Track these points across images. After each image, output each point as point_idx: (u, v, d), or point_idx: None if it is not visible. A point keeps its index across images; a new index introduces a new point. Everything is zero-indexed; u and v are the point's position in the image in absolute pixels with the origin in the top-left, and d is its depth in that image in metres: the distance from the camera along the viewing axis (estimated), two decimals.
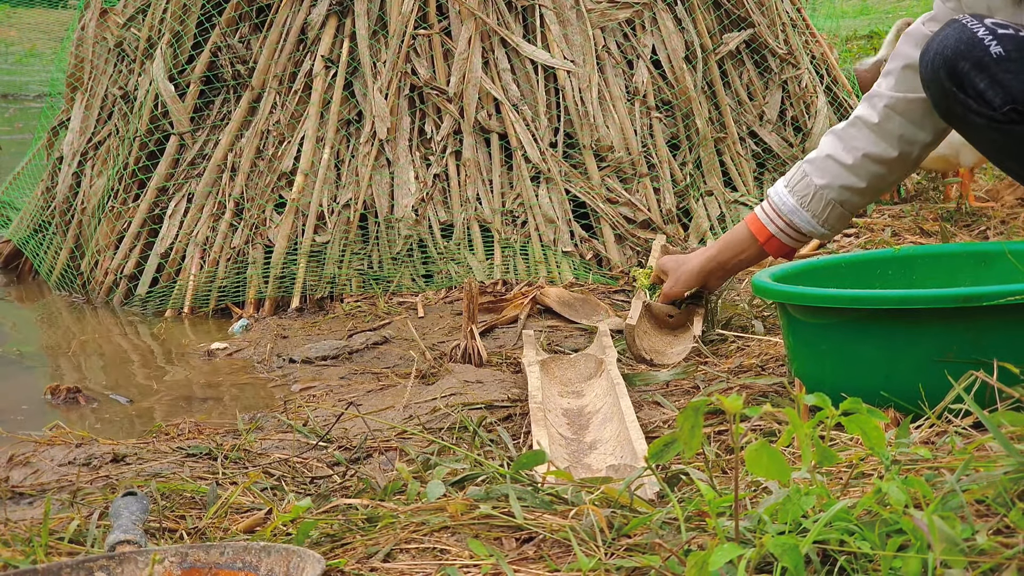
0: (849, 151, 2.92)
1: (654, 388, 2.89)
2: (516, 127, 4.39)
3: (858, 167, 2.92)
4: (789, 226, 2.99)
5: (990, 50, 2.65)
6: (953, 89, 2.70)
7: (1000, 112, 2.63)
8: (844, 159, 2.93)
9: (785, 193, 3.00)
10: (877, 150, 2.90)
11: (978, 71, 2.66)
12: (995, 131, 2.71)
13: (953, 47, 2.70)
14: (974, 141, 2.84)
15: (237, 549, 1.88)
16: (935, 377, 2.22)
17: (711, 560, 1.55)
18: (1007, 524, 1.63)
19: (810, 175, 2.96)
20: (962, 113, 2.73)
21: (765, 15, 4.93)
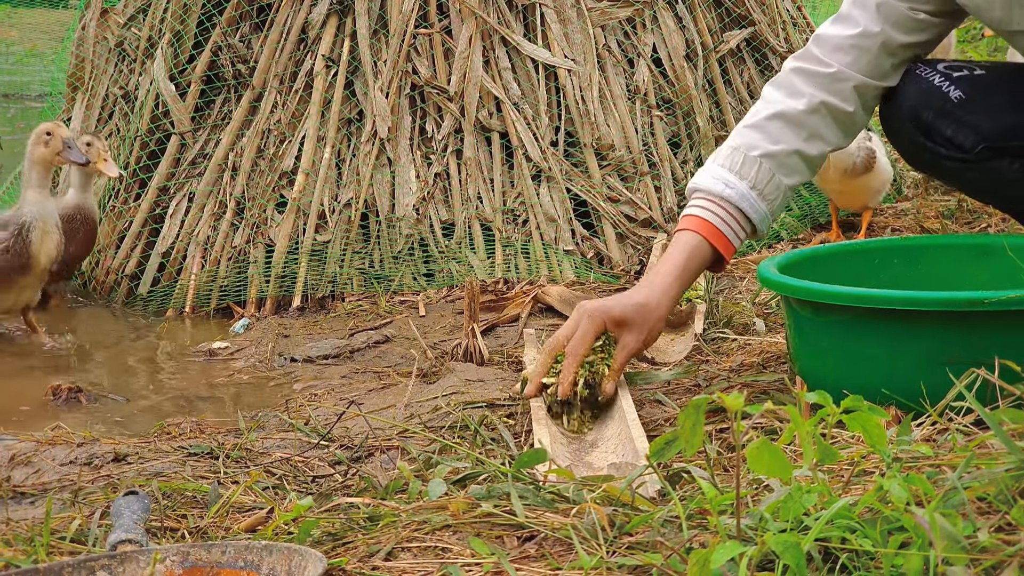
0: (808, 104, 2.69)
1: (655, 386, 2.89)
2: (517, 126, 4.39)
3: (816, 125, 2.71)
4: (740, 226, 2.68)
5: (950, 96, 2.71)
6: (921, 139, 2.74)
7: (973, 153, 2.71)
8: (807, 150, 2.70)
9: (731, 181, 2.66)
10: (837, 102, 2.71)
11: (942, 118, 2.72)
12: (971, 171, 2.77)
13: (914, 99, 2.74)
14: (952, 184, 2.89)
15: (239, 548, 1.88)
16: (937, 375, 2.22)
17: (713, 558, 1.54)
18: (1009, 521, 1.63)
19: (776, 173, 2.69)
20: (932, 160, 2.78)
21: (766, 13, 4.93)
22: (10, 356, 3.97)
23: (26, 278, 4.00)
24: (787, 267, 2.69)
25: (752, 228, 2.69)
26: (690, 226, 2.65)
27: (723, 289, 3.87)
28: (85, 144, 4.17)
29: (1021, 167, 2.76)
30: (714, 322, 3.37)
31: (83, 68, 5.05)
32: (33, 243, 3.95)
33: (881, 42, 2.68)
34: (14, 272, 3.97)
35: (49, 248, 3.98)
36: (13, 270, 3.96)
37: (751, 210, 2.65)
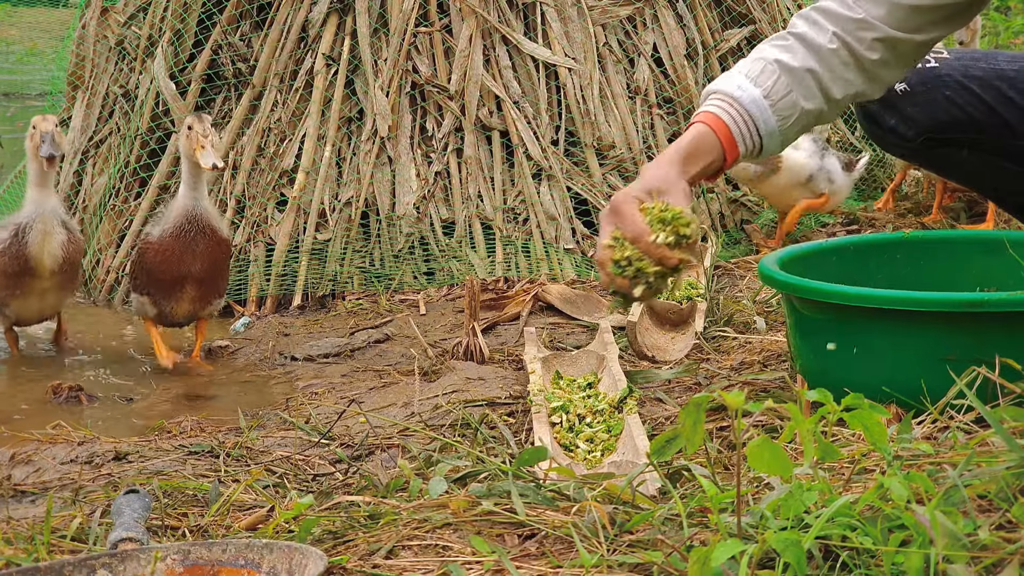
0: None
1: (656, 385, 2.89)
2: (517, 124, 4.39)
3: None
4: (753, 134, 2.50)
5: (895, 87, 2.75)
6: (871, 127, 2.89)
7: (916, 143, 2.82)
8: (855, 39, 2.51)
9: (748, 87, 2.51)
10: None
11: (886, 109, 2.83)
12: (918, 156, 2.93)
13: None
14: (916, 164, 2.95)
15: (239, 547, 1.88)
16: (937, 373, 2.22)
17: (713, 556, 1.55)
18: (1009, 519, 1.63)
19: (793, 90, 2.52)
20: (886, 146, 2.92)
21: (766, 12, 4.93)
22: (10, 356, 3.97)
23: (36, 281, 3.75)
24: (790, 262, 2.68)
25: (760, 140, 2.52)
26: (701, 119, 2.49)
27: (724, 287, 3.87)
28: (186, 127, 3.55)
29: (970, 154, 2.85)
30: (715, 320, 3.37)
31: (83, 67, 5.05)
32: (31, 244, 3.68)
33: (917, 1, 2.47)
34: (19, 275, 3.73)
35: (53, 248, 3.69)
36: (17, 273, 3.72)
37: (760, 118, 2.49)
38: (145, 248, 3.65)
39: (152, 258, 3.61)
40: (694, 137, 2.44)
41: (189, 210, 3.57)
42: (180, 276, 3.62)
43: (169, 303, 3.67)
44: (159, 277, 3.63)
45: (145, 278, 3.66)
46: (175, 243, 3.57)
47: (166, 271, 3.61)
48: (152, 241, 3.62)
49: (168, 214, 3.62)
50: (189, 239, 3.56)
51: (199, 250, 3.58)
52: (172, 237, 3.57)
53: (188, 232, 3.56)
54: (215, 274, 3.66)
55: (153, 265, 3.61)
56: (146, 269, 3.64)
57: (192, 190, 3.58)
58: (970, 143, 2.89)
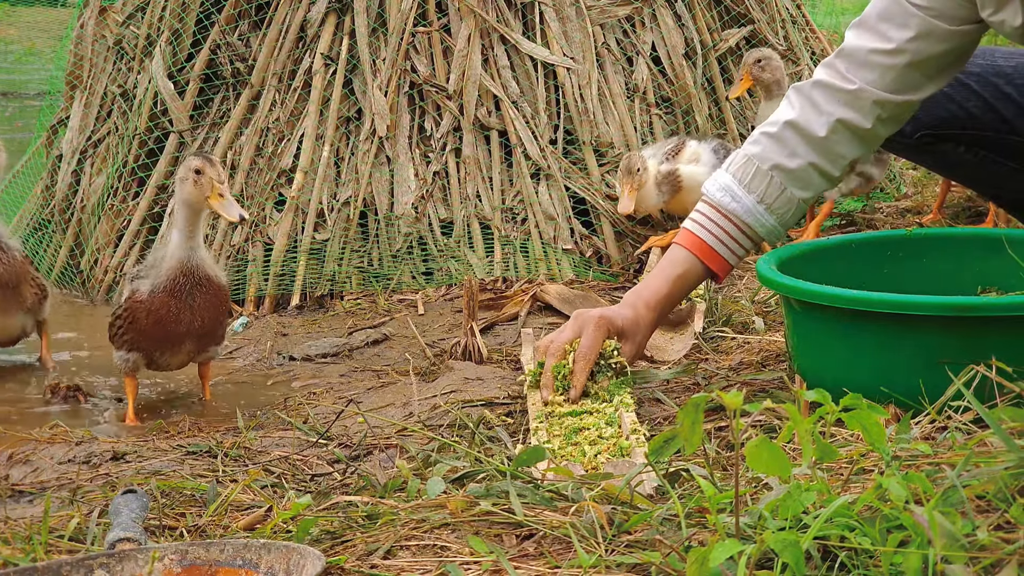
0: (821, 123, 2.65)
1: (654, 385, 2.89)
2: (516, 124, 4.39)
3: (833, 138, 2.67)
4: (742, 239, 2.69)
5: None
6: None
7: (913, 139, 2.80)
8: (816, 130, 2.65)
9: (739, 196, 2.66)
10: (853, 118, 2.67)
11: None
12: (916, 153, 2.98)
13: None
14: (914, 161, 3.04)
15: (237, 547, 1.88)
16: (935, 373, 2.22)
17: (711, 556, 1.54)
18: (1008, 519, 1.63)
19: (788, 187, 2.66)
20: (887, 144, 2.88)
21: (765, 11, 4.93)
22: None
23: None
24: (788, 261, 2.68)
25: (758, 239, 2.69)
26: (684, 242, 2.68)
27: (722, 287, 3.87)
28: (192, 172, 3.11)
29: (967, 151, 2.85)
30: (713, 320, 3.37)
31: (81, 66, 5.05)
32: None
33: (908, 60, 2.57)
34: None
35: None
36: None
37: (756, 224, 2.66)
38: (136, 307, 3.19)
39: (145, 318, 3.18)
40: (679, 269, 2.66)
41: (184, 261, 3.14)
42: (178, 335, 3.21)
43: (164, 356, 3.29)
44: (153, 336, 3.21)
45: (136, 337, 3.23)
46: (170, 300, 3.14)
47: (161, 330, 3.19)
48: (143, 299, 3.17)
49: (159, 266, 3.17)
50: (185, 293, 3.15)
51: (197, 304, 3.17)
52: (166, 293, 3.14)
53: (184, 286, 3.14)
54: (215, 326, 3.27)
55: (146, 326, 3.19)
56: (138, 329, 3.21)
57: (188, 239, 3.15)
58: (968, 140, 2.90)
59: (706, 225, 2.66)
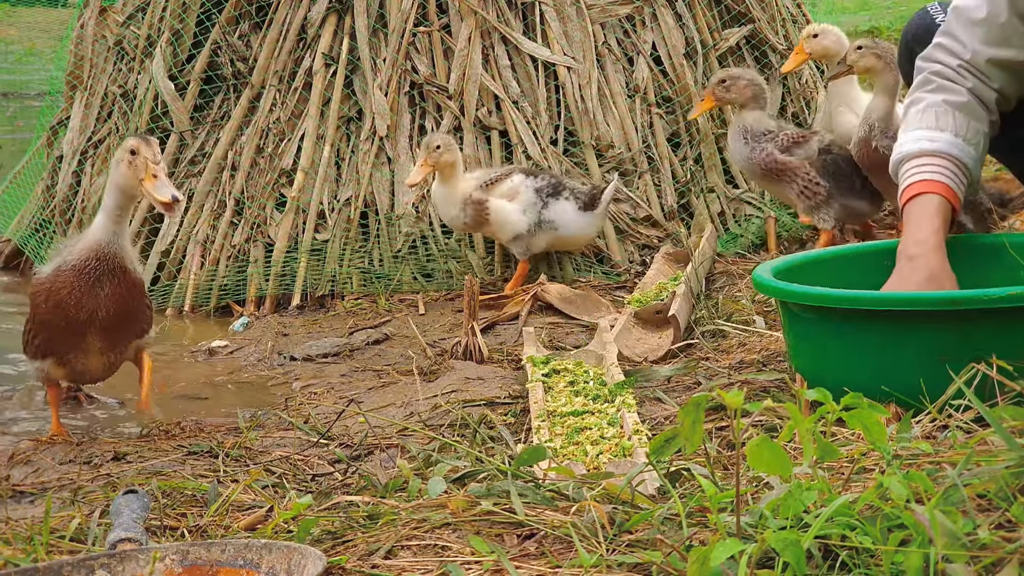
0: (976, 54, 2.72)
1: (655, 383, 2.89)
2: (516, 124, 4.39)
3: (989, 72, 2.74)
4: (964, 178, 2.70)
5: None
6: (908, 68, 2.92)
7: None
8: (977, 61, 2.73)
9: (940, 138, 2.70)
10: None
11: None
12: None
13: (913, 32, 2.97)
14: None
15: (238, 547, 1.88)
16: (935, 372, 2.22)
17: (712, 555, 1.54)
18: (1009, 518, 1.63)
19: (969, 118, 2.71)
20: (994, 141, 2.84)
21: (765, 11, 4.93)
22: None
23: None
24: (784, 272, 2.69)
25: (969, 174, 2.68)
26: (926, 189, 2.64)
27: (723, 287, 3.87)
28: (128, 152, 2.84)
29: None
30: (714, 317, 3.37)
31: (82, 67, 5.05)
32: None
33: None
34: None
35: None
36: None
37: (965, 156, 2.66)
38: (36, 291, 2.89)
39: (43, 301, 2.87)
40: (940, 213, 2.62)
41: (102, 246, 2.83)
42: (79, 323, 2.87)
43: (77, 359, 2.95)
44: (54, 324, 2.88)
45: (39, 332, 2.92)
46: (75, 281, 2.82)
47: (60, 316, 2.86)
48: (43, 279, 2.87)
49: (71, 248, 2.88)
50: (92, 279, 2.82)
51: (104, 293, 2.84)
52: (72, 272, 2.82)
53: (94, 271, 2.82)
54: (127, 320, 2.92)
55: (45, 311, 2.87)
56: (38, 319, 2.90)
57: (114, 223, 2.84)
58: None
59: (932, 167, 2.65)
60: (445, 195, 4.01)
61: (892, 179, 2.78)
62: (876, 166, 3.73)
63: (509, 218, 4.01)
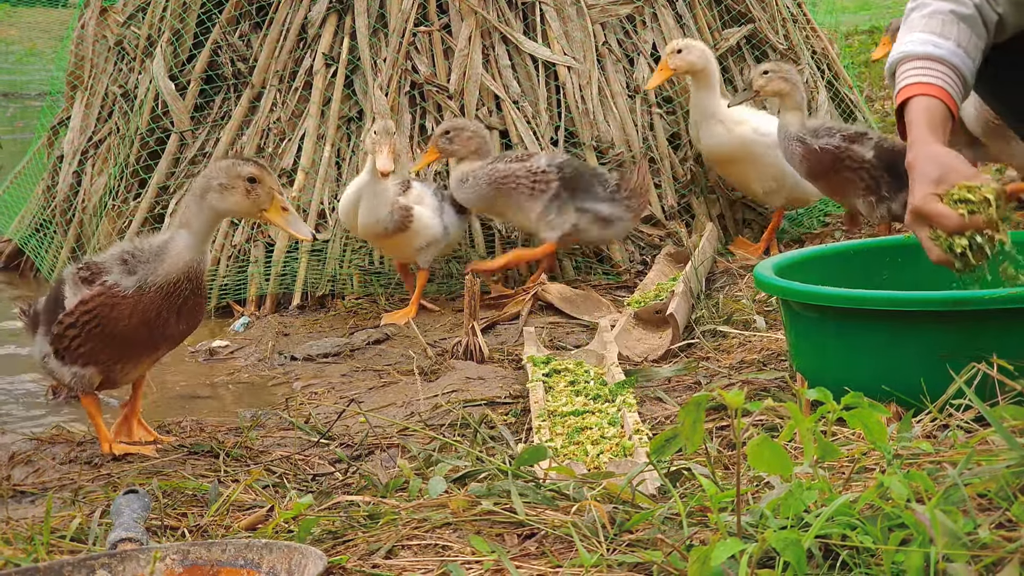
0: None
1: (656, 383, 2.89)
2: (517, 124, 4.39)
3: None
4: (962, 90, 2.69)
5: None
6: None
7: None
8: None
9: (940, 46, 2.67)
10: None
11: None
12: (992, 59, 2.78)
13: None
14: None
15: (239, 547, 1.88)
16: (936, 372, 2.22)
17: (713, 555, 1.54)
18: (1009, 518, 1.63)
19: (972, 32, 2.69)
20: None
21: (765, 10, 4.93)
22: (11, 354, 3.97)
23: None
24: (786, 268, 2.69)
25: (966, 87, 2.67)
26: (922, 91, 2.61)
27: (724, 286, 3.87)
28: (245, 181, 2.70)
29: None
30: (715, 317, 3.37)
31: (82, 67, 5.05)
32: None
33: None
34: None
35: None
36: None
37: (965, 68, 2.65)
38: (110, 302, 2.67)
39: (123, 315, 2.66)
40: (927, 109, 2.57)
41: (191, 266, 2.67)
42: (156, 340, 2.74)
43: (124, 368, 2.79)
44: (129, 340, 2.70)
45: (91, 342, 2.70)
46: (163, 301, 2.66)
47: (144, 333, 2.70)
48: (126, 294, 2.66)
49: (154, 262, 2.67)
50: (181, 298, 2.68)
51: (187, 309, 2.70)
52: (159, 292, 2.65)
53: (183, 291, 2.67)
54: (192, 331, 2.82)
55: (122, 327, 2.67)
56: (106, 333, 2.69)
57: (202, 242, 2.69)
58: None
59: (928, 70, 2.63)
60: (375, 209, 3.89)
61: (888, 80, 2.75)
62: (820, 166, 3.94)
63: (427, 222, 3.98)
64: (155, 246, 2.69)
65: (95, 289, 2.67)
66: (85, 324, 2.68)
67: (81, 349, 2.71)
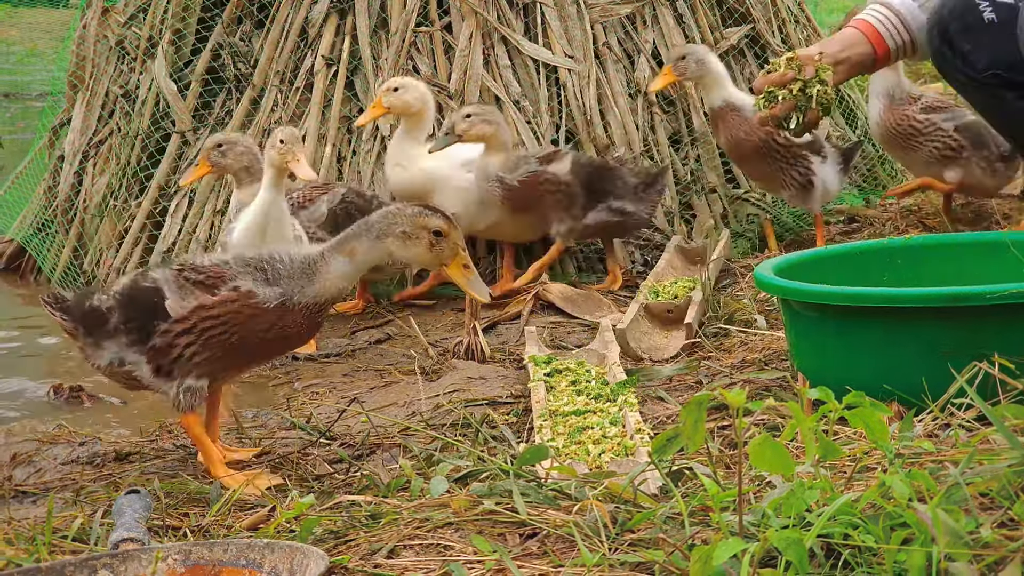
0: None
1: (657, 383, 2.89)
2: (518, 124, 4.39)
3: None
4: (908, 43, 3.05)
5: (983, 15, 2.83)
6: (943, 48, 2.95)
7: (981, 75, 2.82)
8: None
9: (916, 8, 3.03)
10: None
11: (966, 34, 2.92)
12: (977, 91, 2.95)
13: (950, 8, 2.96)
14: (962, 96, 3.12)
15: (241, 546, 1.88)
16: (937, 370, 2.22)
17: (715, 555, 1.54)
18: (1011, 517, 1.63)
19: None
20: (950, 70, 2.97)
21: (766, 10, 4.93)
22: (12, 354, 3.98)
23: None
24: (787, 269, 2.69)
25: (910, 36, 3.00)
26: (855, 25, 3.10)
27: (726, 286, 3.87)
28: (430, 235, 2.47)
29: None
30: (716, 316, 3.37)
31: (84, 67, 5.05)
32: None
33: None
34: None
35: None
36: None
37: (908, 15, 2.99)
38: (248, 311, 2.47)
39: (261, 327, 2.48)
40: (842, 34, 3.06)
41: (342, 292, 2.56)
42: (277, 354, 2.69)
43: (227, 377, 2.65)
44: (255, 351, 2.55)
45: (219, 351, 2.50)
46: (304, 320, 2.52)
47: (273, 348, 2.58)
48: (268, 307, 2.47)
49: (301, 279, 2.50)
50: (321, 317, 2.57)
51: (316, 325, 2.59)
52: (303, 312, 2.51)
53: (325, 311, 2.57)
54: None
55: (257, 339, 2.50)
56: (235, 341, 2.49)
57: (359, 273, 2.55)
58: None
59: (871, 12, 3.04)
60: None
61: None
62: (523, 201, 3.92)
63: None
64: (299, 262, 2.51)
65: (226, 295, 2.47)
66: (205, 331, 2.48)
67: (196, 359, 2.50)
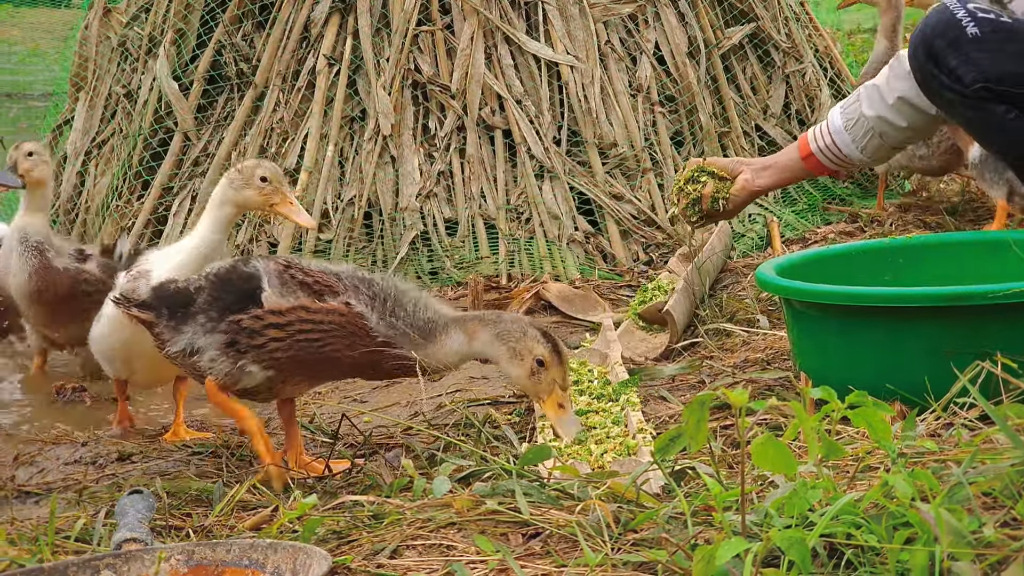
0: (890, 91, 3.07)
1: (659, 383, 2.89)
2: (520, 123, 4.39)
3: (896, 108, 3.07)
4: (831, 147, 3.15)
5: (966, 30, 2.84)
6: (929, 66, 2.92)
7: (970, 90, 2.83)
8: (887, 96, 3.08)
9: (837, 115, 3.15)
10: (914, 99, 3.05)
11: (952, 50, 2.90)
12: (967, 108, 2.94)
13: (932, 26, 2.95)
14: (949, 116, 3.08)
15: (243, 547, 1.88)
16: (939, 370, 2.22)
17: (718, 554, 1.54)
18: (1014, 516, 1.63)
19: (861, 101, 3.12)
20: (937, 89, 2.94)
21: (768, 9, 4.93)
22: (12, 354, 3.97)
23: None
24: (788, 269, 2.69)
25: (840, 152, 3.13)
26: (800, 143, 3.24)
27: (728, 285, 3.86)
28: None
29: (1016, 116, 2.87)
30: (720, 312, 3.37)
31: (86, 67, 5.05)
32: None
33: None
34: None
35: None
36: None
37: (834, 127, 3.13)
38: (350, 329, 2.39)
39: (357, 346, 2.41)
40: (784, 156, 3.28)
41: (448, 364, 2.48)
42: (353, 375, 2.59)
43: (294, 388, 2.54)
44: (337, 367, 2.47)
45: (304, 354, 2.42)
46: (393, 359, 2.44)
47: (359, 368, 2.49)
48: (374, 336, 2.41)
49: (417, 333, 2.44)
50: None
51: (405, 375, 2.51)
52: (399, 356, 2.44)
53: None
54: None
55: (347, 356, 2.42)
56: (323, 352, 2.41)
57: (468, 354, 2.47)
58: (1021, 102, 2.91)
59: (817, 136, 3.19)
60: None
61: None
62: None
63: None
64: (422, 319, 2.44)
65: (335, 305, 2.38)
66: (299, 332, 2.39)
67: (277, 354, 2.41)
